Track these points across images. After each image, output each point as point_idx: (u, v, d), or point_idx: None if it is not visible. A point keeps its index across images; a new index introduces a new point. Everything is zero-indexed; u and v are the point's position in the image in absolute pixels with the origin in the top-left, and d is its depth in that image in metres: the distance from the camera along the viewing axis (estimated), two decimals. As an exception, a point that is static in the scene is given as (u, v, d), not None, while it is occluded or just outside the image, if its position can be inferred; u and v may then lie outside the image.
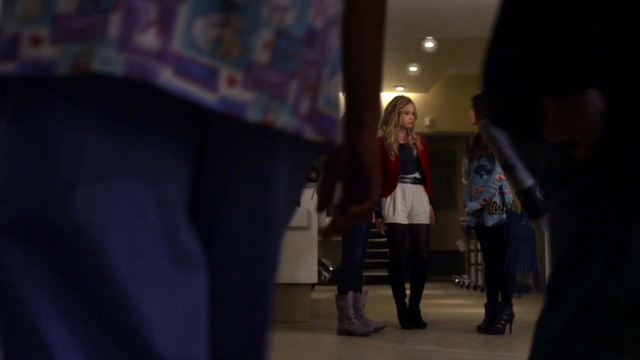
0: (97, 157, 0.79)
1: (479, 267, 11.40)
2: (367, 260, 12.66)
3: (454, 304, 8.51)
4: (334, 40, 0.93)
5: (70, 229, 0.78)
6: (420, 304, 6.25)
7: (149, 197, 0.81)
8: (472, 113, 6.11)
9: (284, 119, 0.85)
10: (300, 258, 6.78)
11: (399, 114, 6.30)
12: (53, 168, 0.79)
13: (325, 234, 1.18)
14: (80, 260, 0.79)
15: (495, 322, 5.89)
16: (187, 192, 0.87)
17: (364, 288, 6.12)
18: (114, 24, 0.75)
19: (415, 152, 6.33)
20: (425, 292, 6.29)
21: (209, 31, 0.80)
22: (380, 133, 6.33)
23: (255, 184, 0.92)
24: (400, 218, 6.25)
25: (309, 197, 7.00)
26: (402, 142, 6.34)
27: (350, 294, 5.88)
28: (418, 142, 6.37)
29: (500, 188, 5.90)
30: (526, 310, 6.73)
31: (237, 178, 0.91)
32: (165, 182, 0.83)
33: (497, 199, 5.90)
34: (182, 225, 0.85)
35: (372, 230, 6.21)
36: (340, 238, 10.55)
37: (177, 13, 0.77)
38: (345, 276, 5.93)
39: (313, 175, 9.48)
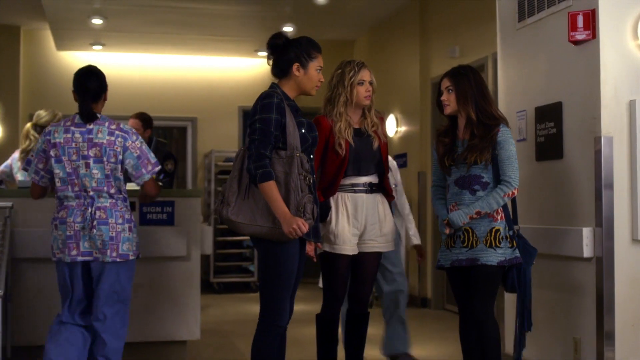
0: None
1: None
2: (218, 263, 10.51)
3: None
4: (122, 235, 4.13)
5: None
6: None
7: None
8: (451, 97, 4.04)
9: (107, 259, 4.11)
10: (177, 302, 4.51)
11: (350, 86, 4.20)
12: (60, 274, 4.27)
13: None
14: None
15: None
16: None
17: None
18: (68, 255, 4.12)
19: (376, 144, 4.27)
20: (301, 307, 4.04)
21: (85, 244, 4.09)
22: (330, 115, 4.23)
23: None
24: (348, 245, 4.16)
25: (187, 213, 4.78)
26: (356, 126, 4.27)
27: (274, 376, 3.71)
28: (379, 129, 4.31)
29: (505, 208, 3.93)
30: None
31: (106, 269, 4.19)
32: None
33: (500, 225, 3.91)
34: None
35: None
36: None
37: (79, 244, 4.08)
38: (267, 347, 3.73)
39: (170, 166, 7.24)
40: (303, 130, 3.81)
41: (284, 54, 3.86)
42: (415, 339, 5.57)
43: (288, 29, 8.98)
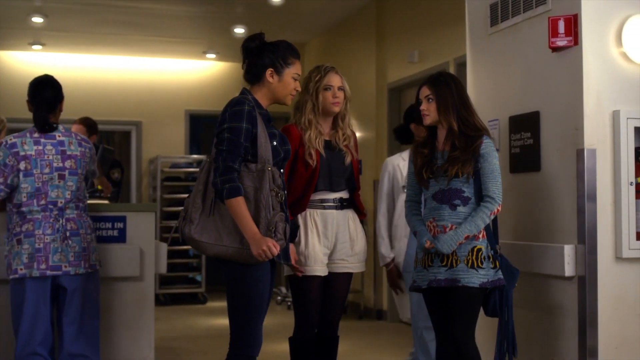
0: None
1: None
2: (166, 274, 10.10)
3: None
4: (92, 245, 4.10)
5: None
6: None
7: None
8: (431, 107, 3.78)
9: (81, 271, 4.02)
10: (129, 326, 4.17)
11: (315, 91, 3.96)
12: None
13: None
14: None
15: None
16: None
17: None
18: (36, 269, 3.95)
19: (348, 159, 4.02)
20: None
21: (55, 257, 3.95)
22: (299, 123, 3.98)
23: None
24: (319, 266, 3.90)
25: (140, 229, 4.41)
26: (327, 137, 4.03)
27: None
28: (351, 142, 4.08)
29: (487, 225, 3.69)
30: None
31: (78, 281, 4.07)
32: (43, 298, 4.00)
33: (482, 244, 3.67)
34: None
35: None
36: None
37: (49, 257, 3.95)
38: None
39: (116, 175, 6.84)
40: (275, 143, 3.51)
41: (258, 58, 3.55)
42: (373, 352, 5.35)
43: (239, 30, 8.68)
